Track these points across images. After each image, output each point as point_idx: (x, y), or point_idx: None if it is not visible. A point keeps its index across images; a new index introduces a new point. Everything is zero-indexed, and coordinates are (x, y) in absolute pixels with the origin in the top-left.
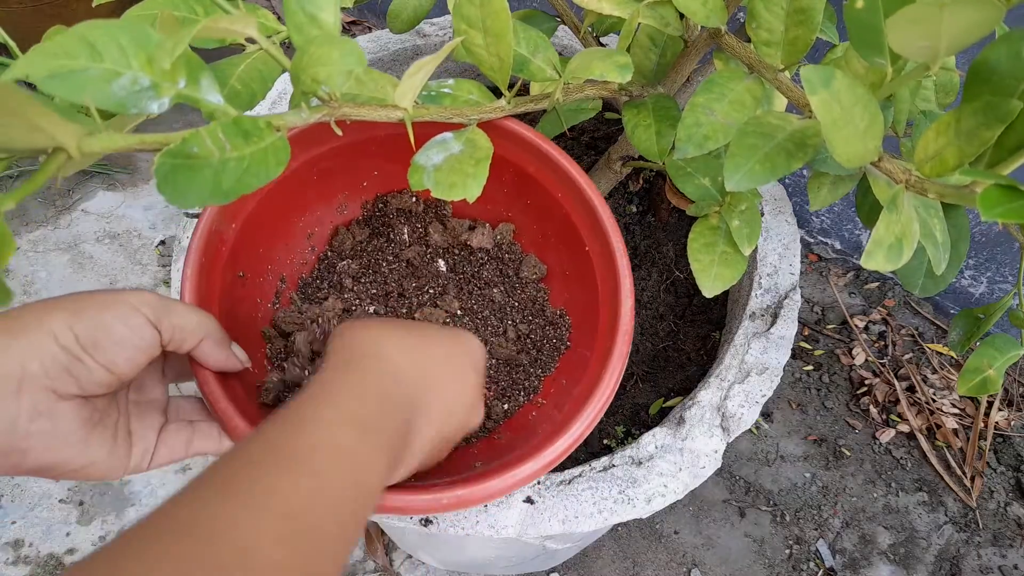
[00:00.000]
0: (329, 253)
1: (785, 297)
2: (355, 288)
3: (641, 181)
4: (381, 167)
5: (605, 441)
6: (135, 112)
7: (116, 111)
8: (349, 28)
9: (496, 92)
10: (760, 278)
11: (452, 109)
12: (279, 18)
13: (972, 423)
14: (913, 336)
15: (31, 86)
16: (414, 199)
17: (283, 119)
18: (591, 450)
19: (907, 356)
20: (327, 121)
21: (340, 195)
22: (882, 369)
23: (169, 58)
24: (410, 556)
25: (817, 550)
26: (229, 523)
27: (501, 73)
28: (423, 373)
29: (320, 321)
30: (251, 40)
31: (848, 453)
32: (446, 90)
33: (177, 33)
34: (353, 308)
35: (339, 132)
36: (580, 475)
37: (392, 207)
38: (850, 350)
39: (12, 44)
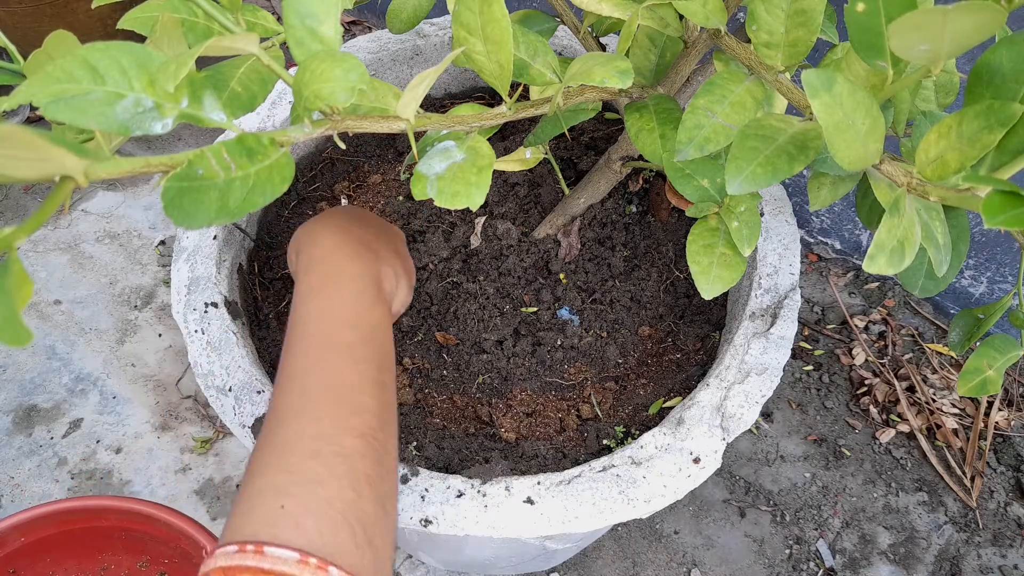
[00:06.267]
0: None
1: (785, 297)
2: None
3: (641, 181)
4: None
5: (604, 441)
6: (139, 134)
7: (120, 134)
8: (349, 28)
9: (495, 96)
10: (760, 278)
11: (454, 118)
12: (278, 18)
13: (972, 423)
14: (913, 336)
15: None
16: None
17: (287, 135)
18: (590, 450)
19: (907, 356)
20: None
21: None
22: (882, 369)
23: (173, 81)
24: (410, 556)
25: (817, 550)
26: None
27: (502, 80)
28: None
29: None
30: None
31: (848, 453)
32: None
33: (179, 47)
34: None
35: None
36: (579, 475)
37: None
38: (850, 350)
39: (12, 48)
